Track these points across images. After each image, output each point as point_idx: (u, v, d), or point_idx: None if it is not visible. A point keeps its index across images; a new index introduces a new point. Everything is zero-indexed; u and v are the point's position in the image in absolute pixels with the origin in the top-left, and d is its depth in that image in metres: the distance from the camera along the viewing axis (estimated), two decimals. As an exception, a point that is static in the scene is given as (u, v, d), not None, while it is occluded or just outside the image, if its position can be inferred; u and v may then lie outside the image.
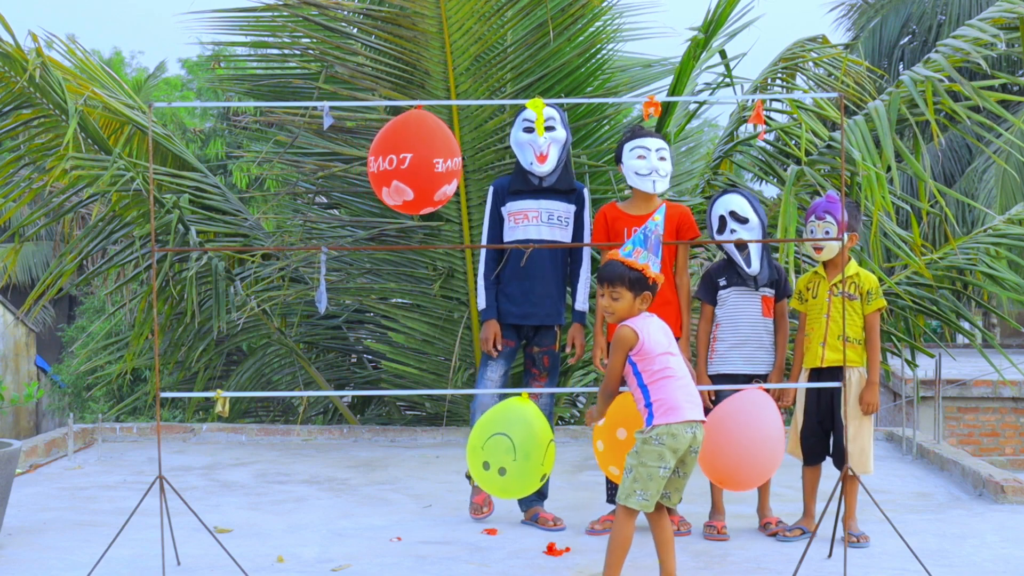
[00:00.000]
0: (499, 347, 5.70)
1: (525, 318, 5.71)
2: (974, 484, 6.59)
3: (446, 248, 8.62)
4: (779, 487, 5.71)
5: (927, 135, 14.05)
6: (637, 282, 4.44)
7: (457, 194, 8.50)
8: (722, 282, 5.58)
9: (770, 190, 9.07)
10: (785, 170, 8.15)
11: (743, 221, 5.50)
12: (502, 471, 4.84)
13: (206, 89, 23.92)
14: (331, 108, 5.61)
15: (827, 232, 5.31)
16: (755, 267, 5.48)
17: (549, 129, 5.62)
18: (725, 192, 5.64)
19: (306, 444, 8.51)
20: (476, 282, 5.86)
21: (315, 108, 8.47)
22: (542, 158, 5.61)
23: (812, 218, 5.37)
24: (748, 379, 5.41)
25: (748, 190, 5.76)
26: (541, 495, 5.81)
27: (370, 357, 9.96)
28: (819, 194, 7.26)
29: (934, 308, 8.12)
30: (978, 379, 14.00)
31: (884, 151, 6.69)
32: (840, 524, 4.96)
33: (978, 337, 12.80)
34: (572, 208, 5.73)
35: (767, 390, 5.14)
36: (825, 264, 5.42)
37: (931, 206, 8.52)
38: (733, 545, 5.37)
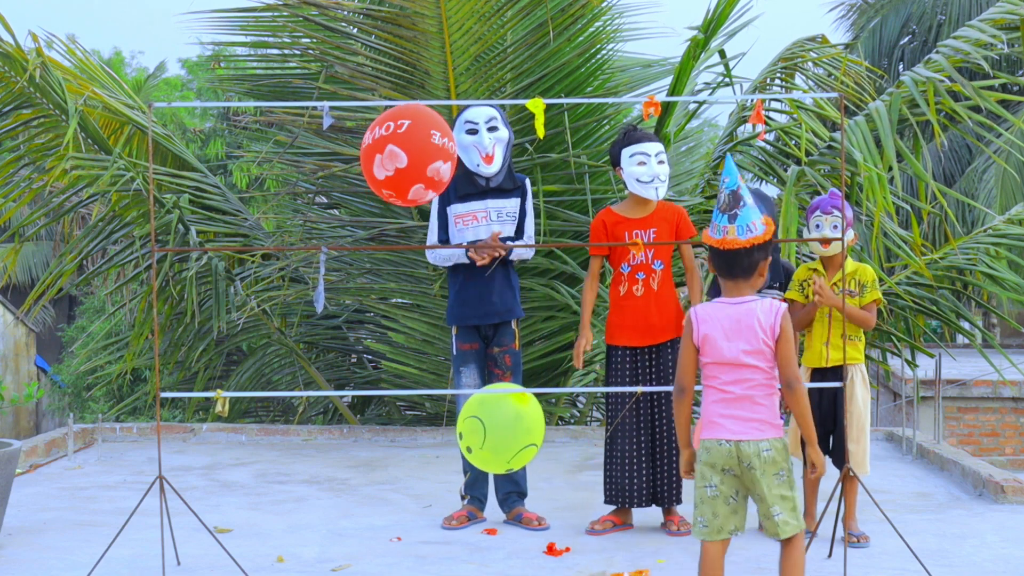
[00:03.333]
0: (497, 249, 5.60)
1: (483, 318, 5.70)
2: (974, 484, 6.59)
3: (446, 248, 8.60)
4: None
5: (927, 135, 14.07)
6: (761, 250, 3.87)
7: (457, 194, 8.49)
8: None
9: (770, 190, 9.07)
10: (785, 170, 8.16)
11: None
12: (468, 450, 4.88)
13: (206, 89, 23.91)
14: (331, 108, 5.62)
15: (835, 227, 5.29)
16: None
17: (492, 129, 5.61)
18: None
19: (306, 444, 8.51)
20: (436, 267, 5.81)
21: (315, 108, 8.47)
22: (488, 159, 5.59)
23: (818, 212, 5.34)
24: None
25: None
26: (522, 494, 5.80)
27: (370, 357, 9.96)
28: (819, 194, 7.27)
29: (934, 308, 8.12)
30: (978, 379, 14.00)
31: (885, 151, 6.70)
32: (840, 524, 4.96)
33: (978, 337, 12.82)
34: (517, 202, 5.73)
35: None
36: (825, 263, 5.42)
37: (931, 206, 8.52)
38: (733, 545, 5.34)
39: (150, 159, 5.38)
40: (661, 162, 5.55)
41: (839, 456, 5.39)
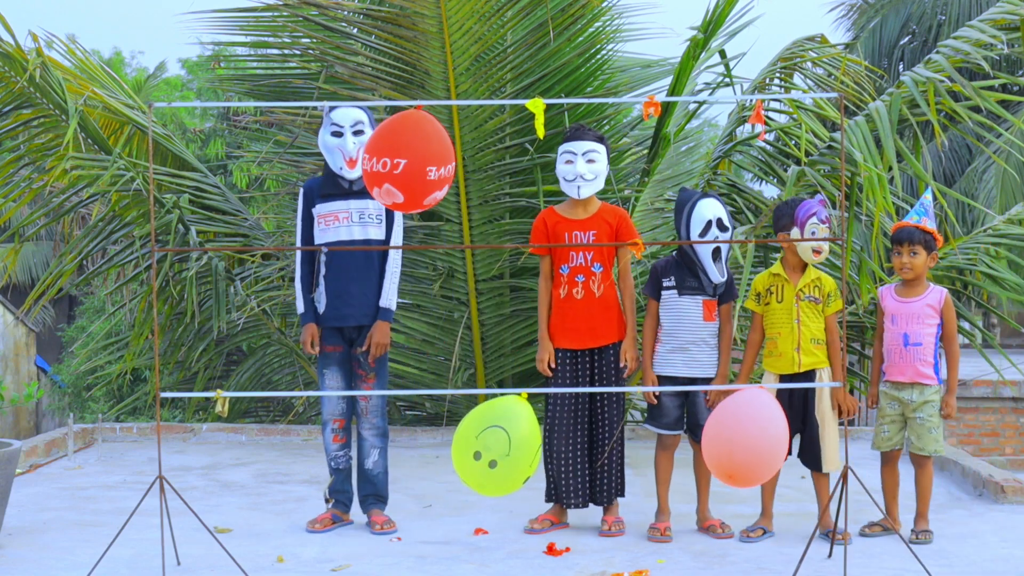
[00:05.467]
0: (316, 347, 5.65)
1: (343, 320, 5.62)
2: (974, 484, 6.59)
3: (446, 248, 8.63)
4: (778, 487, 5.72)
5: (927, 135, 14.07)
6: (929, 243, 5.32)
7: (457, 194, 8.51)
8: (667, 282, 5.53)
9: (770, 190, 9.07)
10: (785, 170, 8.16)
11: (725, 230, 5.49)
12: (492, 464, 4.68)
13: (206, 89, 23.91)
14: (331, 108, 5.62)
15: (812, 233, 5.32)
16: (724, 275, 5.46)
17: (357, 133, 5.53)
18: (706, 195, 5.59)
19: (306, 444, 8.51)
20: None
21: (315, 108, 8.47)
22: (352, 163, 5.50)
23: (814, 220, 5.36)
24: (689, 382, 5.43)
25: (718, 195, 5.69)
26: (380, 497, 5.74)
27: (370, 357, 9.94)
28: (819, 195, 7.26)
29: (934, 308, 8.09)
30: (978, 379, 13.99)
31: (885, 151, 6.70)
32: (841, 523, 4.96)
33: (978, 337, 12.81)
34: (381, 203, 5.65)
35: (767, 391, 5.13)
36: (788, 268, 5.44)
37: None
38: (733, 545, 5.38)
39: (150, 159, 5.38)
40: (590, 160, 5.50)
41: (808, 456, 5.47)
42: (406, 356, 8.93)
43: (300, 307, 5.73)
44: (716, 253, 5.42)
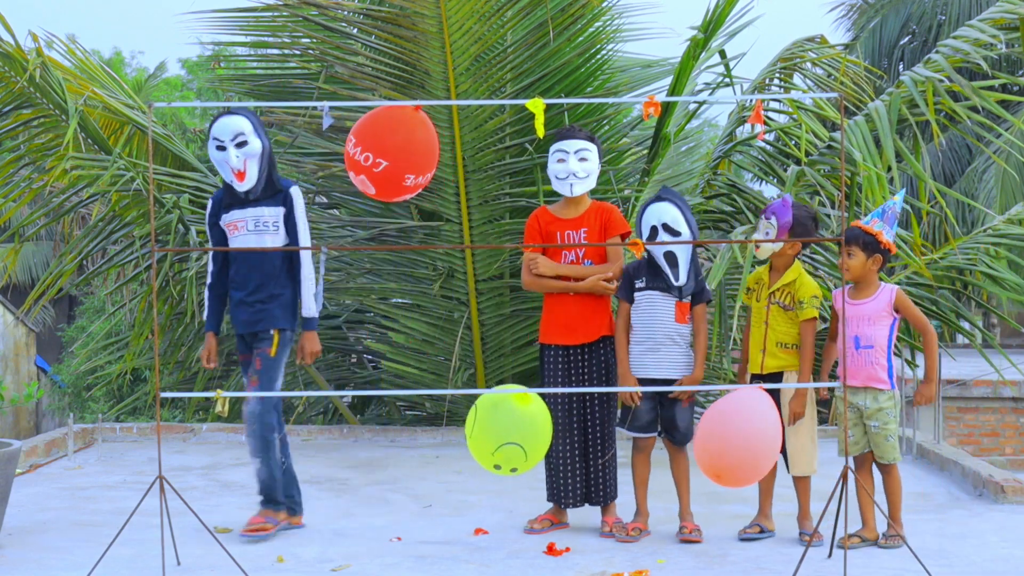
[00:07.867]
0: (212, 362, 5.63)
1: (239, 325, 5.59)
2: (974, 484, 6.59)
3: (446, 248, 8.63)
4: (777, 487, 5.72)
5: (927, 135, 14.07)
6: (869, 245, 5.18)
7: (457, 194, 8.51)
8: (639, 283, 5.47)
9: (770, 190, 9.07)
10: (785, 170, 8.16)
11: (675, 234, 5.36)
12: (514, 471, 4.80)
13: (206, 89, 23.92)
14: (331, 108, 5.61)
15: (767, 233, 5.31)
16: (682, 279, 5.39)
17: (240, 145, 5.40)
18: (658, 199, 5.46)
19: (306, 444, 8.51)
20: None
21: (315, 108, 8.48)
22: (240, 175, 5.41)
23: (761, 216, 5.40)
24: (662, 383, 5.39)
25: (680, 196, 5.60)
26: (293, 506, 5.68)
27: (370, 357, 9.96)
28: (819, 194, 7.28)
29: (934, 308, 8.11)
30: (978, 379, 14.00)
31: (885, 151, 6.71)
32: (841, 524, 4.96)
33: (978, 337, 12.83)
34: (280, 211, 5.50)
35: (767, 391, 5.14)
36: (771, 268, 5.43)
37: (931, 206, 8.53)
38: (733, 545, 5.38)
39: (150, 159, 5.38)
40: (582, 159, 5.49)
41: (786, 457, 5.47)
42: (406, 356, 8.93)
43: (206, 315, 5.72)
44: (670, 257, 5.36)
